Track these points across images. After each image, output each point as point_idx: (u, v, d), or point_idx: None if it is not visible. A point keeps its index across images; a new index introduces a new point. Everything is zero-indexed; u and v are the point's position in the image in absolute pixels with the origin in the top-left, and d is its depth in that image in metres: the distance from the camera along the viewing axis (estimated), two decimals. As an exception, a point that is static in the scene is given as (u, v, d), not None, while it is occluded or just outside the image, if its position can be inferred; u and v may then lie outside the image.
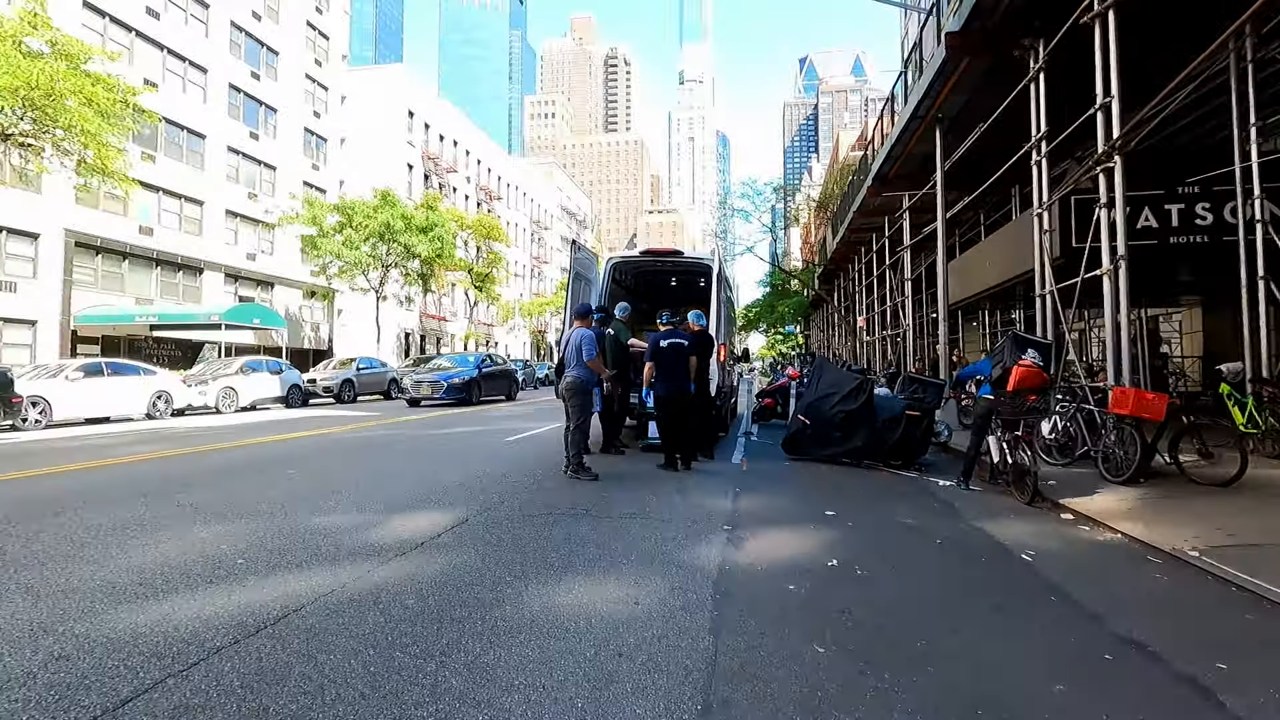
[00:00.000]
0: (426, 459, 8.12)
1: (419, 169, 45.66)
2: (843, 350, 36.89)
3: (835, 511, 5.46)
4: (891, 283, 21.30)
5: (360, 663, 2.52)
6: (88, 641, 2.68)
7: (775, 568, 3.92)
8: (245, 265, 30.28)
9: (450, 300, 48.96)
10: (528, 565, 3.81)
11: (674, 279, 12.33)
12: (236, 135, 30.08)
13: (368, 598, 3.23)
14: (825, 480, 7.14)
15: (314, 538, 4.33)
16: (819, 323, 50.85)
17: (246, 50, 30.95)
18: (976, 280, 15.20)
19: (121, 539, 4.26)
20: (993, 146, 11.97)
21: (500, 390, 21.18)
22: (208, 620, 2.91)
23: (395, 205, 29.82)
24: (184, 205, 27.51)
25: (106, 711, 2.14)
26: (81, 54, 14.73)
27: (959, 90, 11.81)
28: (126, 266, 25.22)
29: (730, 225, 52.56)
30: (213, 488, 6.16)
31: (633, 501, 5.66)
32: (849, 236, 25.61)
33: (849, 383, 8.48)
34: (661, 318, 7.72)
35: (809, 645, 2.79)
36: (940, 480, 7.08)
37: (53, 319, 22.33)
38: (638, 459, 8.20)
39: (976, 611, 3.32)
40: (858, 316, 28.91)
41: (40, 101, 13.48)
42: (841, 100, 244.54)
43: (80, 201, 22.90)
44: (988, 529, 5.01)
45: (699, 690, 2.37)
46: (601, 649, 2.70)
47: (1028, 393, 6.21)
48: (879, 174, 17.50)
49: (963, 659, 2.72)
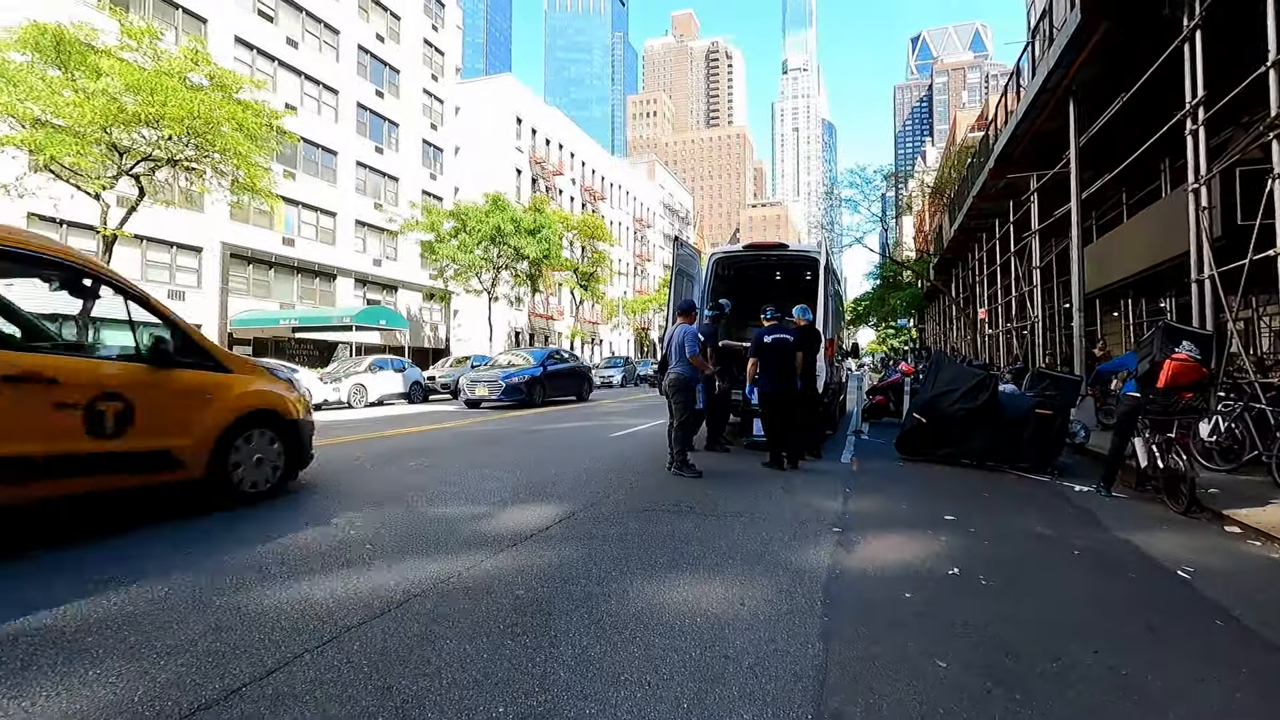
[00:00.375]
0: (535, 453, 8.38)
1: (527, 173, 47.39)
2: (961, 345, 34.69)
3: (955, 516, 5.12)
4: (1017, 271, 19.75)
5: (474, 649, 2.62)
6: (239, 614, 2.95)
7: (890, 574, 3.72)
8: (372, 270, 32.65)
9: (557, 299, 50.49)
10: (632, 561, 3.83)
11: (779, 273, 12.04)
12: (363, 150, 32.49)
13: (480, 587, 3.36)
14: (944, 482, 6.73)
15: (432, 526, 4.57)
16: (934, 316, 48.13)
17: (372, 71, 33.33)
18: (1117, 266, 13.81)
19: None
20: (1135, 118, 10.82)
21: (569, 390, 18.89)
22: (340, 600, 3.14)
23: (505, 209, 31.13)
24: (320, 217, 30.08)
25: (255, 680, 2.35)
26: (234, 84, 16.39)
27: (1095, 58, 10.76)
28: (272, 274, 27.89)
29: (837, 216, 50.76)
30: (345, 477, 6.66)
31: (738, 500, 5.57)
32: (968, 223, 24.01)
33: (970, 379, 7.94)
34: (765, 313, 7.55)
35: (929, 659, 2.62)
36: (1077, 485, 6.49)
37: (213, 323, 25.07)
38: (742, 457, 8.08)
39: (1123, 632, 2.99)
40: (978, 308, 27.09)
41: (201, 129, 15.10)
42: (958, 79, 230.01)
43: (234, 217, 25.55)
44: (1135, 540, 4.53)
45: (809, 699, 2.28)
46: (707, 649, 2.66)
47: (1182, 390, 5.55)
48: (1003, 154, 16.28)
49: (1108, 684, 2.46)
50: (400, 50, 35.38)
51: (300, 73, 29.05)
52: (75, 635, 2.71)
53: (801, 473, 7.01)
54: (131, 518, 4.60)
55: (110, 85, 13.85)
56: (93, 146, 14.15)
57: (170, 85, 14.43)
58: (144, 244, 22.52)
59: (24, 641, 2.65)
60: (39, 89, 13.51)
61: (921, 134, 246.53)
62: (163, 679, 2.35)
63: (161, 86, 14.20)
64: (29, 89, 13.34)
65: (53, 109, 13.55)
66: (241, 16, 26.45)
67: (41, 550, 3.84)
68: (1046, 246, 17.90)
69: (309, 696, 2.24)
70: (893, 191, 55.49)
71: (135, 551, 3.87)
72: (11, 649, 2.58)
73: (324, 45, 30.53)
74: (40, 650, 2.57)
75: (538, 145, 49.54)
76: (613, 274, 54.45)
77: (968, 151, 34.82)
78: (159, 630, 2.77)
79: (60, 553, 3.82)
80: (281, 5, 28.49)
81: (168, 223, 22.51)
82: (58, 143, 13.31)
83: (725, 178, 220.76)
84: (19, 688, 2.28)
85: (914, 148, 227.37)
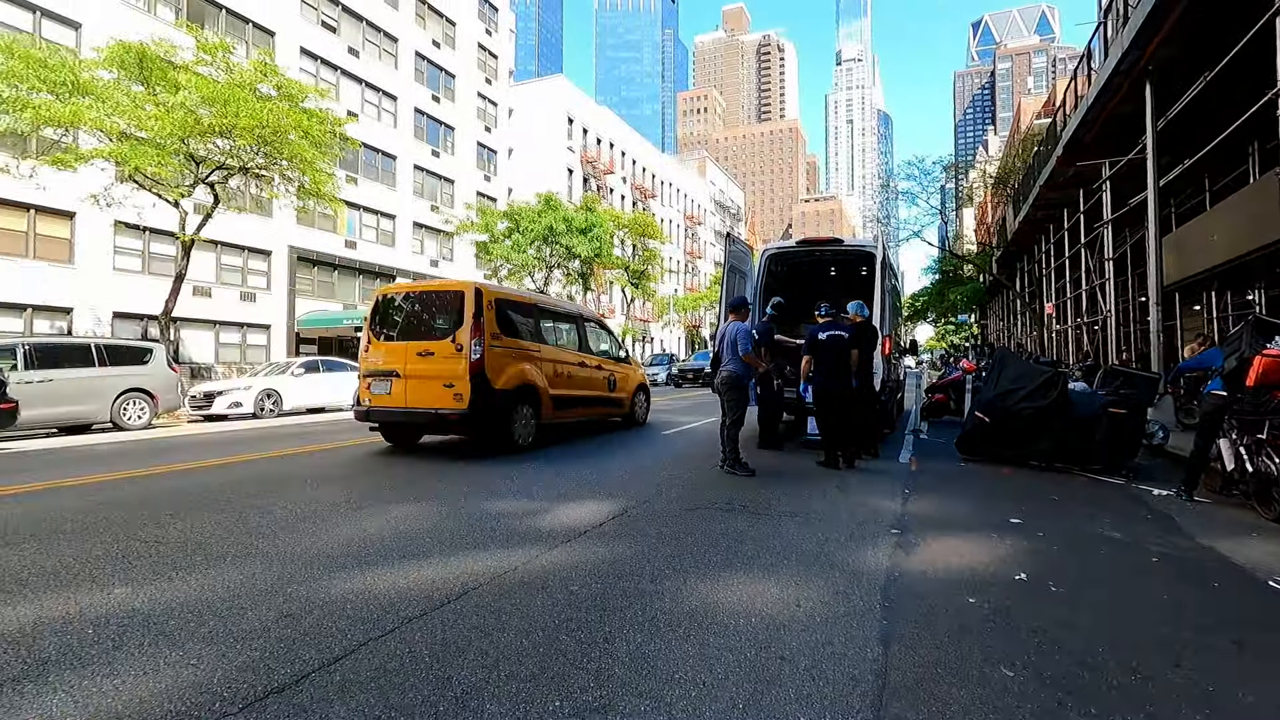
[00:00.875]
0: (586, 449, 8.44)
1: (578, 173, 47.83)
2: (1027, 341, 33.32)
3: (1022, 519, 4.92)
4: (1088, 263, 18.84)
5: (530, 643, 2.66)
6: (308, 603, 3.08)
7: (952, 577, 3.60)
8: (429, 271, 33.53)
9: (609, 298, 50.79)
10: (686, 559, 3.82)
11: (833, 268, 11.81)
12: (421, 154, 33.38)
13: (536, 581, 3.41)
14: (1009, 484, 6.47)
15: (488, 521, 4.66)
16: (997, 311, 46.41)
17: (428, 76, 34.20)
18: (1199, 257, 13.01)
19: (334, 514, 4.87)
20: (1219, 99, 10.16)
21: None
22: (401, 592, 3.23)
23: (557, 208, 31.50)
24: (380, 220, 31.08)
25: (323, 667, 2.44)
26: (300, 94, 17.07)
27: (1174, 37, 10.16)
28: (336, 276, 28.97)
29: (894, 209, 49.42)
30: (406, 471, 6.86)
31: (792, 499, 5.49)
32: (1034, 214, 23.04)
33: (1037, 376, 7.61)
34: (819, 309, 7.41)
35: (995, 666, 2.52)
36: (1155, 489, 6.15)
37: (281, 323, 26.20)
38: (797, 456, 7.96)
39: (1207, 644, 2.81)
40: (1045, 303, 25.95)
41: (270, 138, 15.80)
42: (1023, 63, 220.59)
43: (299, 222, 26.62)
44: (1219, 548, 4.26)
45: (868, 704, 2.23)
46: (762, 650, 2.63)
47: (1274, 388, 5.18)
48: (1072, 140, 15.55)
49: (1192, 699, 2.31)
50: (455, 55, 36.19)
51: (361, 80, 30.06)
52: (160, 618, 2.88)
53: (858, 472, 6.86)
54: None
55: (188, 99, 14.63)
56: (172, 157, 14.96)
57: (242, 97, 15.13)
58: (218, 248, 23.71)
59: (114, 623, 2.83)
60: (124, 104, 14.37)
61: (983, 122, 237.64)
62: (239, 662, 2.47)
63: (234, 98, 14.92)
64: (115, 105, 14.21)
65: (137, 123, 14.39)
66: (306, 28, 27.54)
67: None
68: (1120, 237, 17.02)
69: (373, 684, 2.31)
70: (952, 183, 53.70)
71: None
72: (104, 629, 2.76)
73: (383, 53, 31.49)
74: (129, 632, 2.74)
75: (589, 144, 49.92)
76: (664, 271, 54.39)
77: (1033, 139, 33.39)
78: (234, 616, 2.91)
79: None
80: (343, 16, 29.52)
81: (239, 228, 23.67)
82: (141, 154, 14.12)
83: (777, 173, 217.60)
84: (111, 666, 2.44)
85: (975, 137, 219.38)
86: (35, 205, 18.86)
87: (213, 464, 7.53)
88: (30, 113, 13.42)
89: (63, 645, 2.61)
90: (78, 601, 3.08)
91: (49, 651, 2.55)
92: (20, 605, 3.04)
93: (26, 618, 2.89)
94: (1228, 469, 5.64)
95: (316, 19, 28.18)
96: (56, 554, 3.85)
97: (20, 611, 2.96)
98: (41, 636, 2.69)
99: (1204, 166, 13.37)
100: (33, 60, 13.65)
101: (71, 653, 2.54)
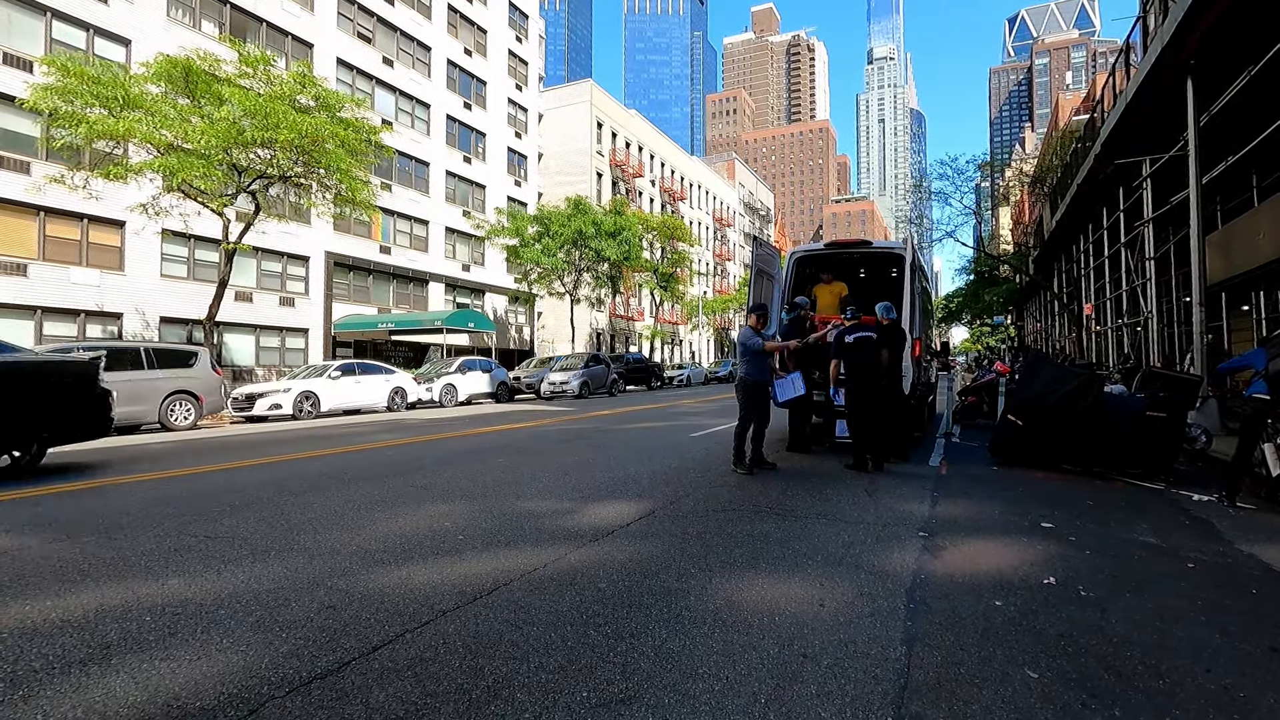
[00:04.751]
0: (616, 451, 8.55)
1: (607, 176, 48.09)
2: (1065, 342, 32.52)
3: (1053, 524, 4.86)
4: (1128, 263, 18.35)
5: (559, 637, 2.75)
6: (348, 595, 3.22)
7: (979, 581, 3.59)
8: (461, 275, 34.07)
9: (638, 300, 50.96)
10: (711, 559, 3.88)
11: (862, 270, 11.73)
12: (453, 161, 33.95)
13: (565, 578, 3.50)
14: (1041, 488, 6.38)
15: (519, 520, 4.78)
16: (1034, 313, 45.33)
17: (460, 84, 34.79)
18: (1246, 255, 12.62)
19: (371, 511, 5.04)
20: (1266, 92, 9.86)
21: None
22: (435, 586, 3.35)
23: (586, 212, 31.76)
24: (413, 226, 31.69)
25: (363, 655, 2.57)
26: (337, 104, 17.56)
27: (1218, 28, 9.87)
28: (371, 281, 29.61)
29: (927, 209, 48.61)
30: (438, 472, 7.04)
31: (819, 501, 5.50)
32: (1072, 212, 22.51)
33: (1072, 379, 7.46)
34: (846, 312, 7.40)
35: (1019, 669, 2.53)
36: (1195, 494, 6.00)
37: (319, 327, 26.87)
38: (825, 458, 7.94)
39: (1243, 652, 2.77)
40: (1084, 304, 25.32)
41: (309, 147, 16.28)
42: (1061, 59, 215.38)
43: (336, 228, 27.30)
44: (1261, 555, 4.16)
45: (889, 702, 2.27)
46: (785, 648, 2.68)
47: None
48: (1111, 137, 15.18)
49: (1221, 705, 2.29)
50: (486, 63, 36.75)
51: (395, 89, 30.72)
52: (211, 608, 3.04)
53: (886, 475, 6.83)
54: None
55: (231, 111, 15.15)
56: (216, 167, 15.50)
57: (282, 109, 15.62)
58: (259, 255, 24.44)
59: (169, 611, 3.00)
60: (171, 117, 14.94)
61: (1020, 119, 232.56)
62: (285, 649, 2.60)
63: (275, 110, 15.41)
64: (163, 118, 14.79)
65: (183, 135, 14.95)
66: (342, 39, 28.27)
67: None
68: (1162, 236, 16.53)
69: (410, 673, 2.43)
70: (988, 182, 52.65)
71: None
72: (160, 617, 2.93)
73: (416, 62, 32.14)
74: (182, 620, 2.90)
75: (618, 148, 50.16)
76: (693, 274, 54.39)
77: (1072, 136, 32.60)
78: (280, 606, 3.06)
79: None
80: (378, 27, 30.21)
81: (279, 235, 24.36)
82: (189, 167, 14.67)
83: (807, 173, 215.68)
84: (167, 650, 2.59)
85: (1012, 134, 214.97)
86: (88, 215, 19.70)
87: (255, 463, 7.81)
88: (85, 127, 14.04)
89: (123, 631, 2.78)
90: (135, 591, 3.27)
91: (110, 637, 2.73)
92: (83, 594, 3.24)
93: (90, 606, 3.08)
94: (1273, 474, 5.49)
95: (352, 30, 28.89)
96: (114, 548, 4.07)
97: (84, 600, 3.16)
98: (103, 623, 2.87)
99: (1250, 162, 12.93)
100: (87, 77, 14.28)
101: (131, 638, 2.71)
